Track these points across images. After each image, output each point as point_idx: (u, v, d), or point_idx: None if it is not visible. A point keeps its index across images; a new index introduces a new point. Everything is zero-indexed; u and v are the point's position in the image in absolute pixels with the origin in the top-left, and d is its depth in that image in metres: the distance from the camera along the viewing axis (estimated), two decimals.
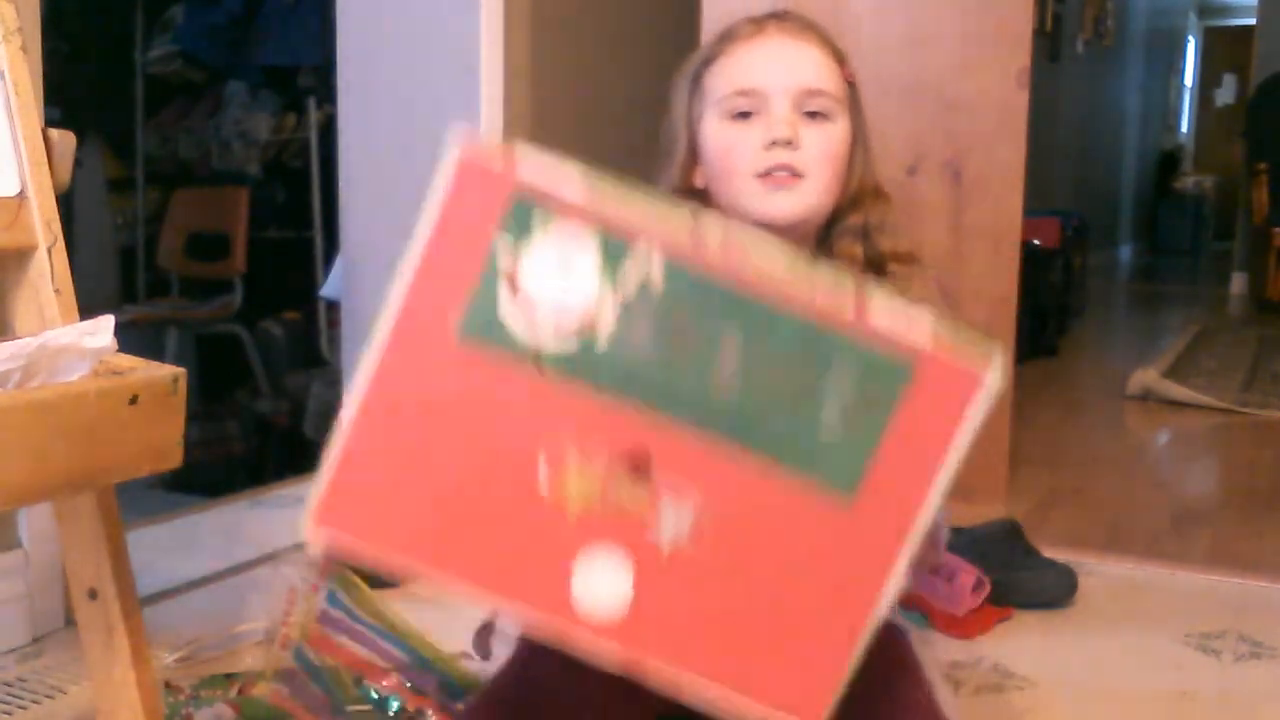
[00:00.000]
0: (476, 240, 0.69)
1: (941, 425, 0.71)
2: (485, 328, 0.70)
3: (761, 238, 0.71)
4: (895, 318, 0.70)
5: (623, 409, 0.70)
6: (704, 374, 0.70)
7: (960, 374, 0.71)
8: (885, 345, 0.70)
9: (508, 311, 0.70)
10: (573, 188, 0.69)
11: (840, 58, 1.23)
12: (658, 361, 0.70)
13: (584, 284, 0.69)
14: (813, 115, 1.19)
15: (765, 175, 1.18)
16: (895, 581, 0.72)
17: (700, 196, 1.25)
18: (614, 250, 0.69)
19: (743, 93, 1.19)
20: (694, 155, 1.24)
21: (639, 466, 0.71)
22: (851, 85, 1.22)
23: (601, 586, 0.71)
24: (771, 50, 1.20)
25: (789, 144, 1.17)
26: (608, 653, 0.72)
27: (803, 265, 0.71)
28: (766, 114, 1.18)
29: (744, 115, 1.19)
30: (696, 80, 1.24)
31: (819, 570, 0.71)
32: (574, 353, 0.70)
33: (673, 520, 0.71)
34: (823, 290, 0.70)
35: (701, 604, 0.72)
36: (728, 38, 1.23)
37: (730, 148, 1.20)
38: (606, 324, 0.69)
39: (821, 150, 1.19)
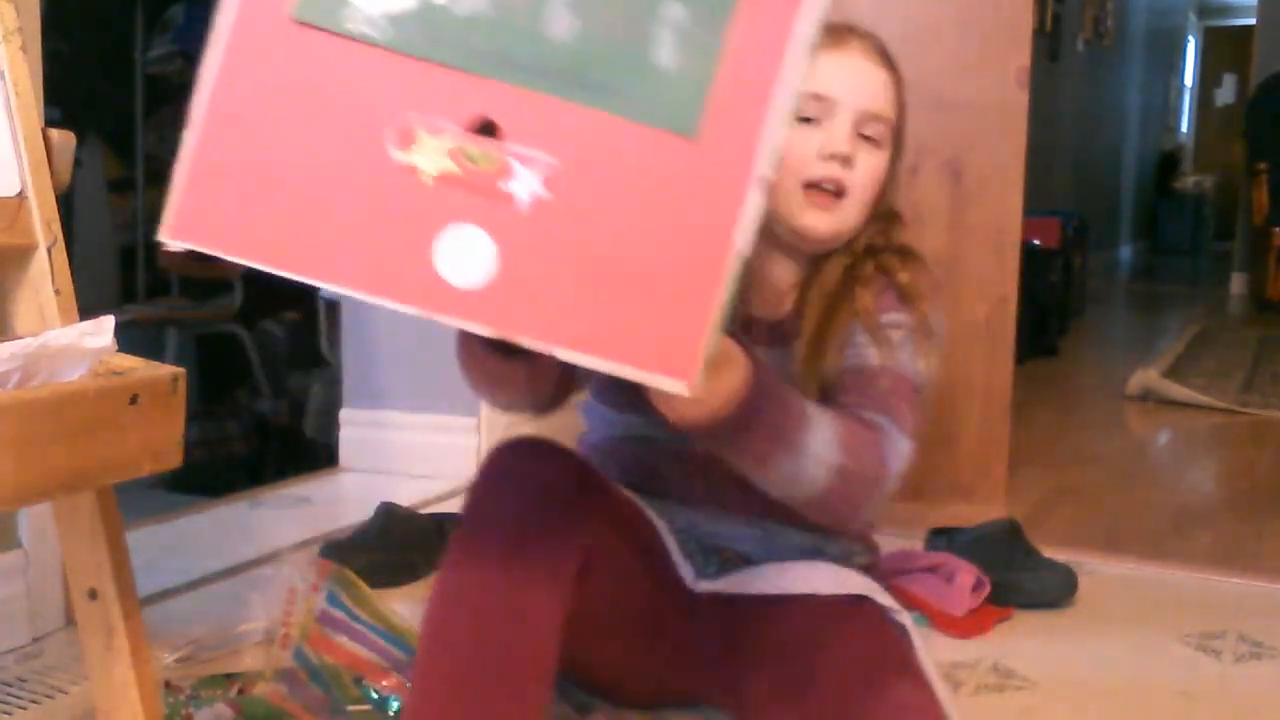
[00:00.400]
0: None
1: (773, 41, 0.67)
2: (318, 7, 0.69)
3: None
4: None
5: (464, 78, 0.69)
6: (539, 28, 0.68)
7: None
8: None
9: None
10: None
11: (901, 88, 1.27)
12: (495, 21, 0.68)
13: None
14: (867, 138, 1.22)
15: (812, 186, 1.20)
16: (749, 217, 0.68)
17: None
18: None
19: (815, 97, 1.21)
20: None
21: (489, 130, 0.69)
22: (901, 115, 1.26)
23: (465, 259, 0.69)
24: (852, 66, 1.24)
25: (846, 161, 1.20)
26: (479, 329, 0.71)
27: None
28: (829, 124, 1.20)
29: (807, 119, 1.21)
30: None
31: (672, 216, 0.69)
32: (414, 19, 0.68)
33: (526, 180, 0.69)
34: None
35: (563, 268, 0.69)
36: None
37: (787, 149, 1.21)
38: None
39: (868, 174, 1.22)
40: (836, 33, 1.26)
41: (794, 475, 1.06)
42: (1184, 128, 11.86)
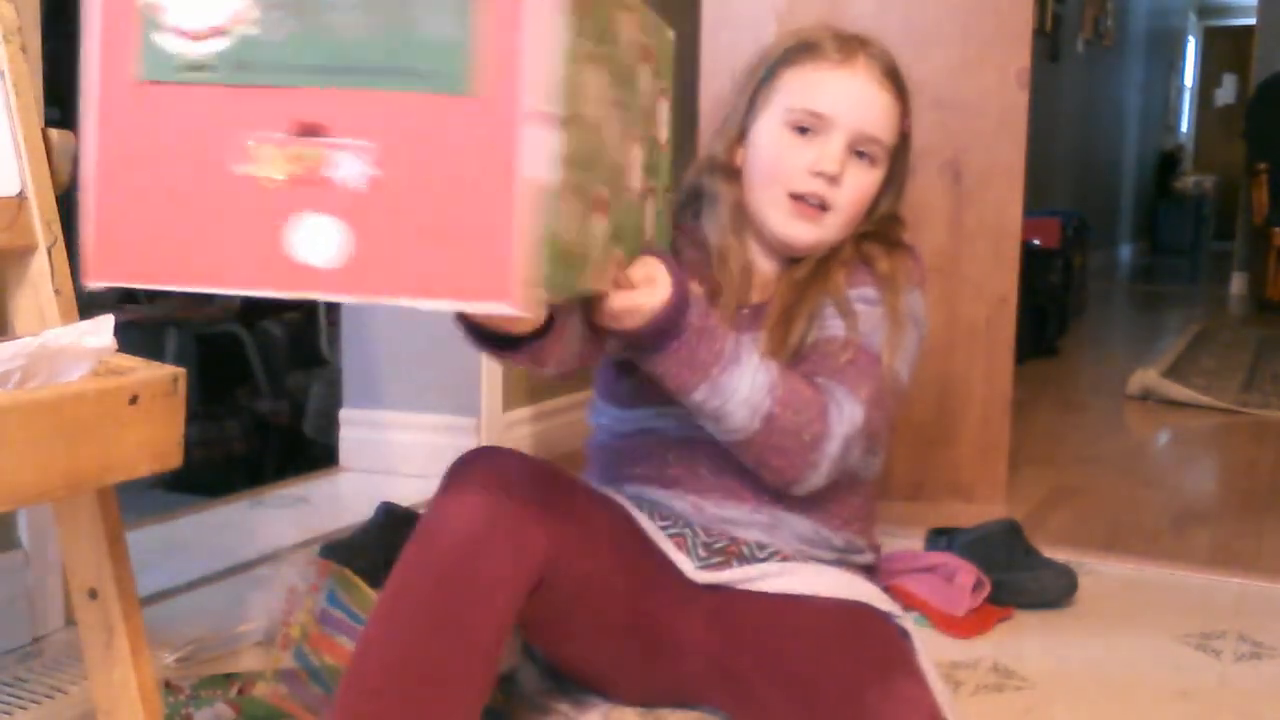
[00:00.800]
0: (128, 10, 0.82)
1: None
2: (155, 64, 0.82)
3: None
4: None
5: (285, 92, 0.81)
6: (334, 34, 0.80)
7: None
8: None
9: (167, 40, 0.82)
10: None
11: (905, 109, 1.29)
12: (299, 37, 0.80)
13: None
14: (861, 155, 1.25)
15: (798, 198, 1.22)
16: (532, 149, 0.78)
17: (735, 174, 1.29)
18: None
19: (813, 113, 1.25)
20: (742, 136, 1.28)
21: (308, 131, 0.81)
22: (904, 136, 1.27)
23: (319, 242, 0.81)
24: (854, 87, 1.26)
25: (832, 180, 1.23)
26: (340, 299, 0.84)
27: None
28: (824, 139, 1.23)
29: (802, 130, 1.24)
30: (772, 75, 1.28)
31: (473, 166, 0.79)
32: (231, 54, 0.81)
33: (352, 166, 0.80)
34: None
35: (401, 232, 0.81)
36: (814, 50, 1.27)
37: (779, 157, 1.25)
38: (252, 18, 0.80)
39: (856, 190, 1.26)
40: (845, 48, 1.27)
41: (719, 412, 1.14)
42: (1184, 128, 11.86)
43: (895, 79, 1.28)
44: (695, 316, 1.09)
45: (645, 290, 1.05)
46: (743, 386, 1.12)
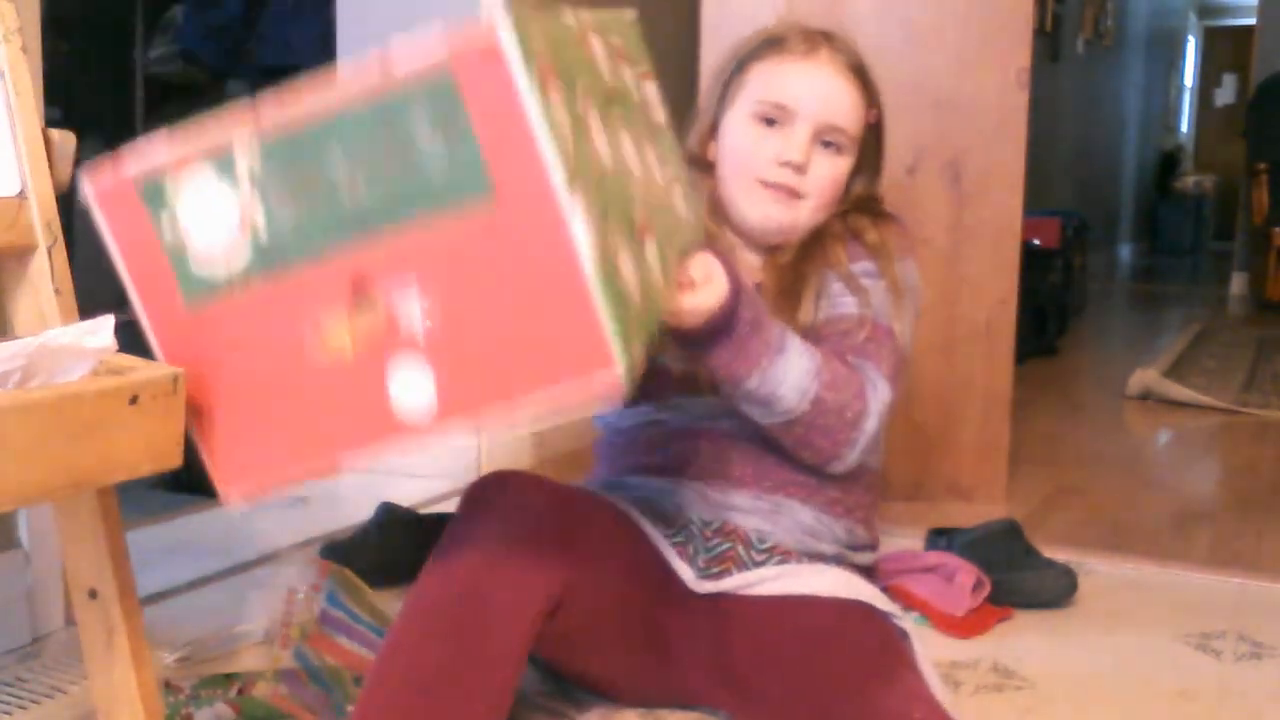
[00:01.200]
0: (144, 235, 0.84)
1: (504, 98, 0.78)
2: (197, 290, 0.85)
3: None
4: (411, 50, 0.79)
5: (319, 264, 0.83)
6: (340, 195, 0.81)
7: (481, 54, 0.77)
8: (419, 77, 0.79)
9: (200, 265, 0.84)
10: (163, 147, 0.83)
11: (871, 100, 1.32)
12: (308, 212, 0.82)
13: (225, 202, 0.83)
14: (826, 144, 1.28)
15: (768, 186, 1.25)
16: (579, 227, 0.78)
17: (709, 167, 1.32)
18: (222, 165, 0.82)
19: (777, 105, 1.28)
20: (713, 131, 1.31)
21: (362, 290, 0.83)
22: (872, 126, 1.29)
23: (411, 391, 0.83)
24: (816, 78, 1.29)
25: (799, 169, 1.24)
26: (455, 430, 0.85)
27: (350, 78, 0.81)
28: (789, 129, 1.26)
29: (769, 122, 1.28)
30: (740, 70, 1.31)
31: (522, 258, 0.80)
32: (257, 253, 0.83)
33: (411, 306, 0.82)
34: (355, 76, 0.80)
35: (478, 348, 0.82)
36: (780, 45, 1.30)
37: (747, 148, 1.28)
38: (258, 215, 0.82)
39: (824, 178, 1.29)
40: (810, 42, 1.30)
41: (770, 398, 1.15)
42: (1184, 128, 11.85)
43: (859, 71, 1.31)
44: (747, 309, 1.11)
45: (704, 289, 1.06)
46: (791, 372, 1.15)
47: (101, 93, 4.19)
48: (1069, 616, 1.77)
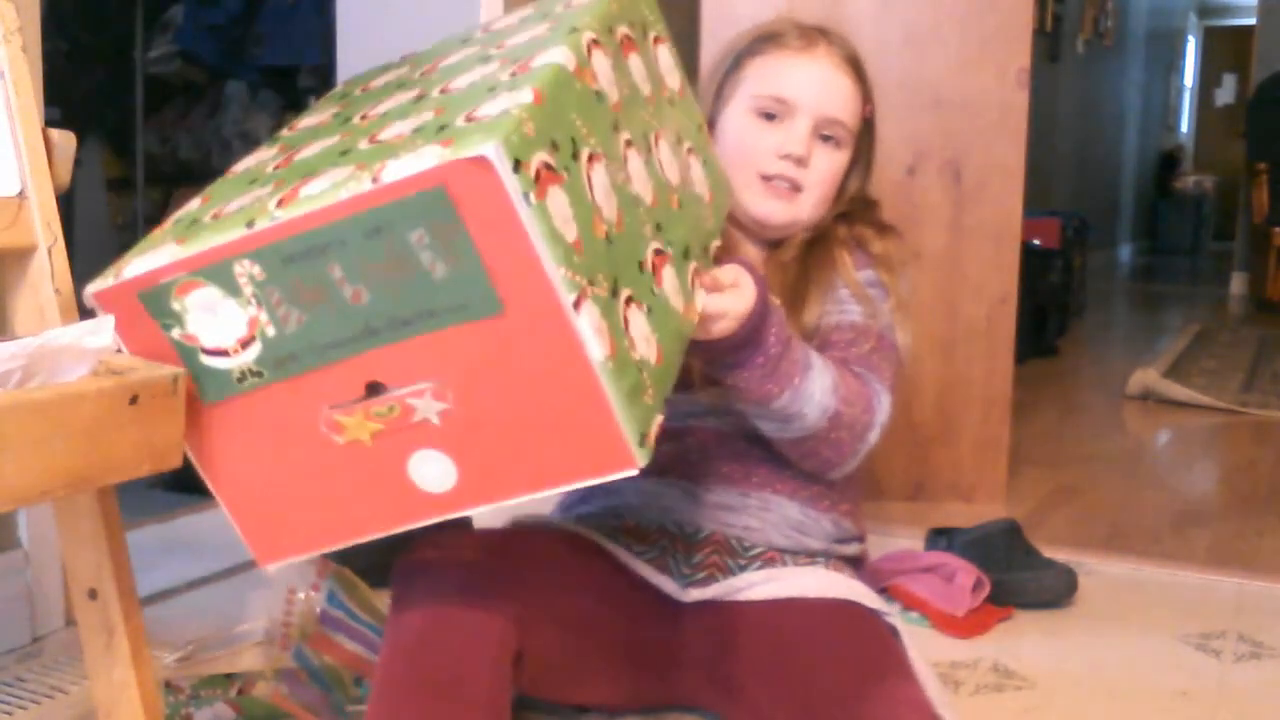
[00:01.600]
0: (153, 336, 0.86)
1: (500, 209, 0.77)
2: (213, 389, 0.87)
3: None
4: (402, 163, 0.77)
5: (333, 368, 0.84)
6: (346, 304, 0.81)
7: (471, 164, 0.76)
8: (411, 188, 0.77)
9: (217, 365, 0.86)
10: (164, 254, 0.83)
11: (867, 95, 1.33)
12: (314, 320, 0.82)
13: (230, 310, 0.83)
14: (826, 138, 1.29)
15: (769, 179, 1.25)
16: (589, 331, 0.79)
17: None
18: (221, 275, 0.82)
19: (777, 99, 1.28)
20: (711, 127, 1.31)
21: (376, 389, 0.84)
22: (867, 121, 1.30)
23: (432, 473, 0.86)
24: (815, 72, 1.29)
25: (800, 162, 1.26)
26: (468, 511, 0.88)
27: (339, 184, 0.79)
28: (789, 124, 1.27)
29: (769, 116, 1.28)
30: (738, 64, 1.31)
31: (533, 370, 0.82)
32: (268, 353, 0.84)
33: (425, 404, 0.84)
34: (347, 187, 0.78)
35: (493, 443, 0.84)
36: (777, 39, 1.31)
37: (747, 143, 1.28)
38: (265, 321, 0.83)
39: (824, 171, 1.29)
40: (807, 36, 1.31)
41: (795, 415, 1.15)
42: (1184, 128, 11.85)
43: (856, 65, 1.32)
44: (777, 326, 1.10)
45: (733, 293, 1.05)
46: (816, 390, 1.15)
47: (101, 93, 4.18)
48: (1069, 616, 1.77)
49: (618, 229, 0.88)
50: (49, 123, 1.15)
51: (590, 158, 0.86)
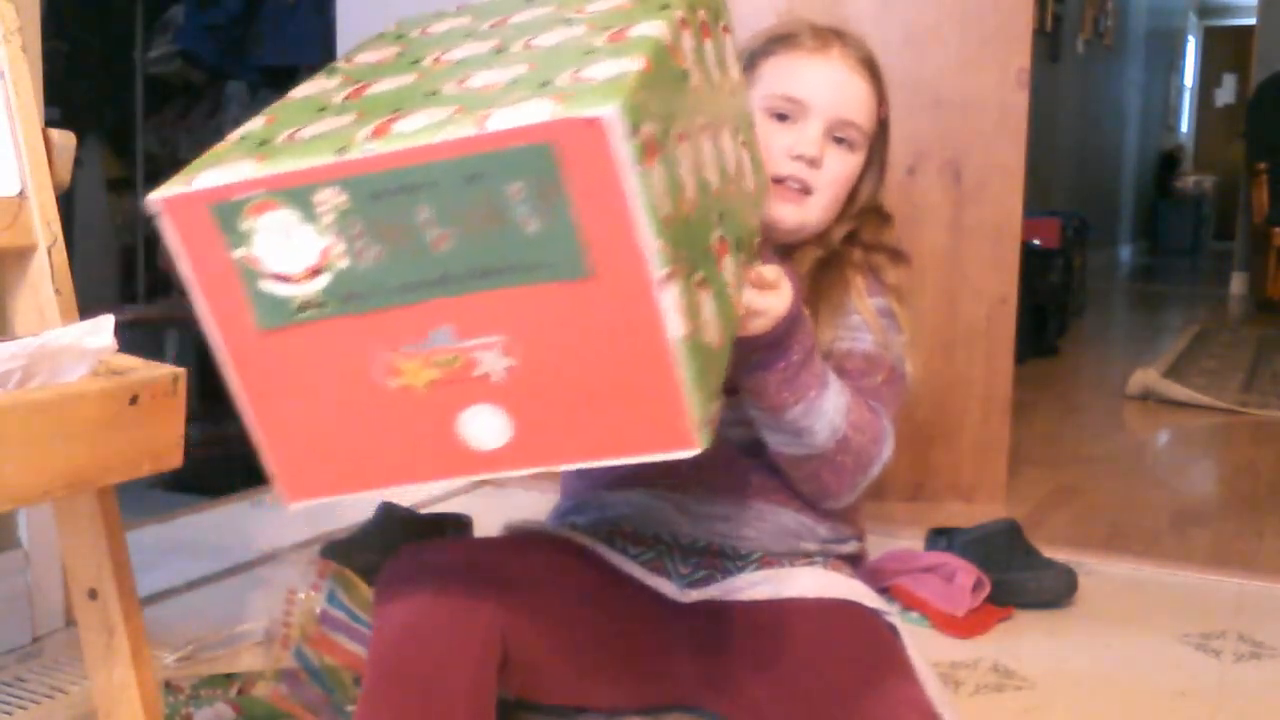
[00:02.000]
0: (215, 251, 0.81)
1: (606, 175, 0.75)
2: (268, 315, 0.82)
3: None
4: (511, 113, 0.75)
5: (401, 310, 0.81)
6: (427, 247, 0.79)
7: (585, 124, 0.73)
8: (517, 139, 0.75)
9: (278, 291, 0.81)
10: (242, 169, 0.79)
11: (882, 97, 1.31)
12: (392, 258, 0.79)
13: (304, 235, 0.79)
14: (839, 140, 1.27)
15: (779, 181, 1.24)
16: (673, 308, 0.78)
17: None
18: (302, 199, 0.78)
19: (790, 99, 1.27)
20: None
21: (441, 335, 0.81)
22: (881, 124, 1.29)
23: (485, 429, 0.84)
24: (830, 72, 1.28)
25: (812, 163, 1.25)
26: (519, 473, 0.85)
27: (438, 125, 0.77)
28: (802, 124, 1.25)
29: (782, 117, 1.27)
30: (751, 65, 1.30)
31: (612, 335, 0.80)
32: (335, 286, 0.80)
33: (490, 359, 0.81)
34: (448, 130, 0.76)
35: (557, 407, 0.82)
36: (791, 40, 1.30)
37: (761, 141, 1.26)
38: (339, 253, 0.80)
39: (835, 174, 1.28)
40: (822, 37, 1.29)
41: (805, 431, 1.14)
42: (1184, 128, 11.85)
43: (871, 67, 1.31)
44: (803, 334, 1.11)
45: (774, 293, 1.06)
46: (829, 408, 1.15)
47: (101, 93, 4.19)
48: (1069, 616, 1.77)
49: (694, 211, 0.87)
50: (49, 123, 1.16)
51: (680, 136, 0.85)
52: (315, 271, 0.80)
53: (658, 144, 0.79)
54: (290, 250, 0.80)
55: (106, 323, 0.99)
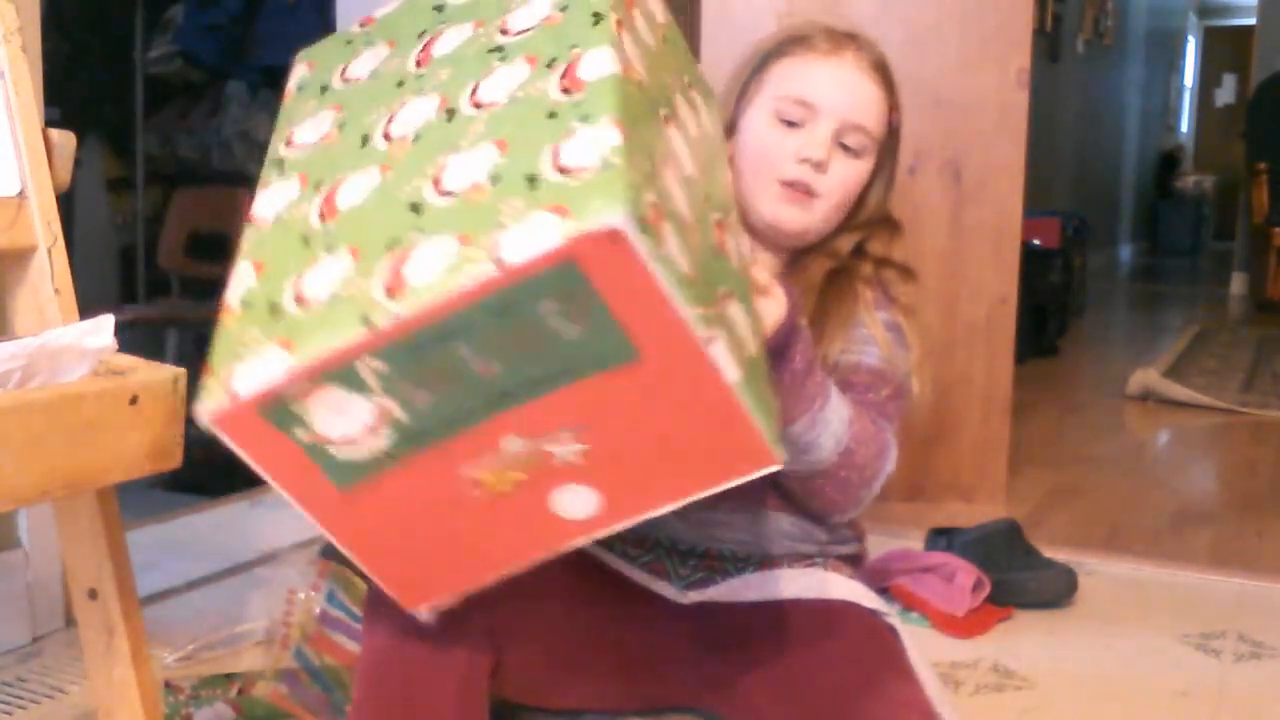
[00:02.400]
0: (279, 444, 0.82)
1: (632, 271, 0.76)
2: (345, 475, 0.84)
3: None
4: (524, 242, 0.75)
5: (467, 434, 0.82)
6: (475, 379, 0.80)
7: (602, 237, 0.74)
8: (538, 267, 0.75)
9: (347, 455, 0.83)
10: (276, 364, 0.80)
11: (894, 103, 1.29)
12: (446, 397, 0.81)
13: (357, 405, 0.81)
14: (846, 147, 1.25)
15: (787, 184, 1.24)
16: (724, 359, 0.80)
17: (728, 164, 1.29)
18: (345, 376, 0.79)
19: (800, 102, 1.25)
20: (732, 129, 1.29)
21: (512, 443, 0.83)
22: (892, 130, 1.29)
23: (574, 504, 0.87)
24: (841, 76, 1.26)
25: (818, 166, 1.24)
26: (619, 526, 0.88)
27: (452, 268, 0.77)
28: (811, 128, 1.24)
29: (791, 123, 1.25)
30: (762, 67, 1.29)
31: (671, 401, 0.82)
32: (400, 435, 0.82)
33: (564, 450, 0.83)
34: (465, 271, 0.76)
35: (635, 467, 0.85)
36: (804, 42, 1.28)
37: (767, 148, 1.26)
38: (394, 408, 0.80)
39: (841, 180, 1.26)
40: (834, 40, 1.28)
41: (810, 445, 1.12)
42: (1184, 128, 11.85)
43: (883, 72, 1.29)
44: (804, 345, 1.09)
45: (767, 300, 1.04)
46: (834, 420, 1.13)
47: (101, 93, 4.19)
48: (1069, 616, 1.77)
49: (696, 227, 0.87)
50: (49, 123, 1.15)
51: (663, 162, 0.85)
52: (376, 429, 0.82)
53: (659, 207, 0.79)
54: (346, 418, 0.81)
55: (106, 323, 0.99)
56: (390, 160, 0.88)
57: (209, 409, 0.81)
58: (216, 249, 3.95)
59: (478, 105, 0.88)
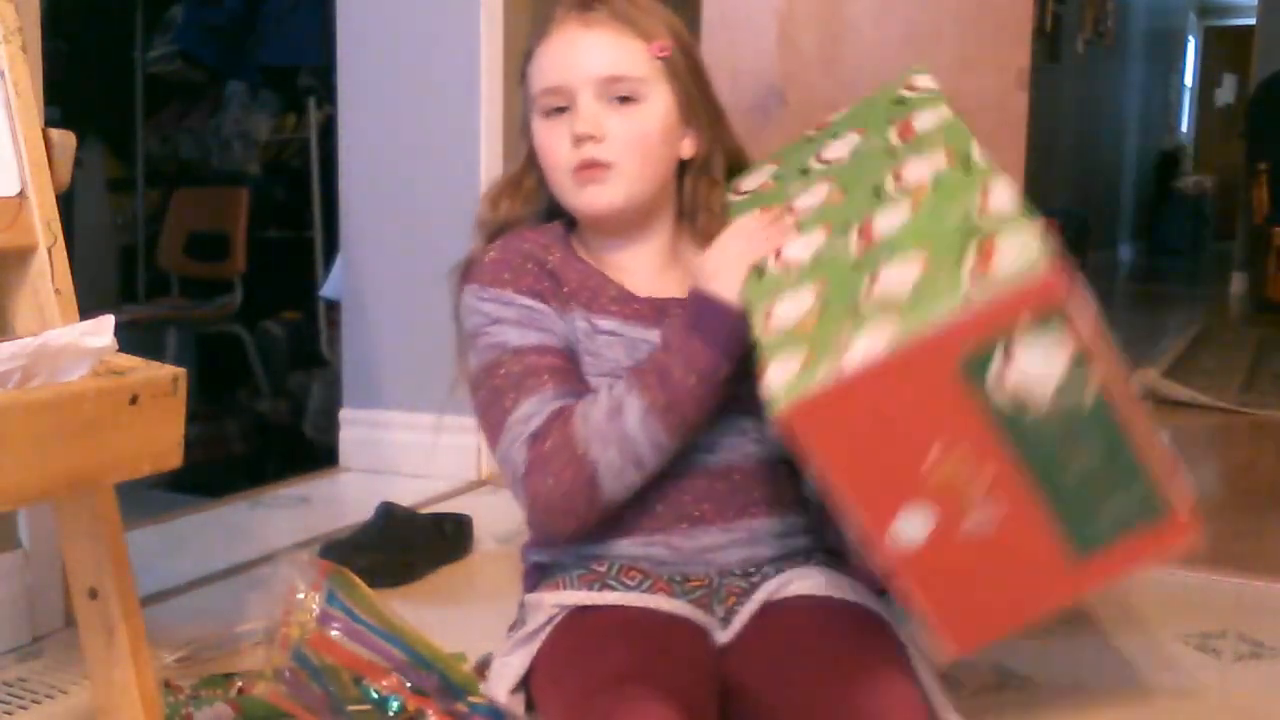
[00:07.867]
0: (1008, 320, 0.92)
1: (1150, 554, 0.99)
2: (976, 374, 0.92)
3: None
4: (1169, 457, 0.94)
5: (1004, 451, 0.93)
6: (1066, 459, 0.95)
7: (1182, 528, 0.99)
8: (1161, 483, 0.98)
9: (994, 372, 0.92)
10: (1086, 315, 0.95)
11: (647, 35, 1.20)
12: (1052, 438, 0.93)
13: (1049, 376, 0.93)
14: (622, 100, 1.18)
15: (576, 170, 1.18)
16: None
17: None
18: (1078, 363, 0.94)
19: (550, 91, 1.19)
20: (535, 153, 1.24)
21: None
22: (667, 59, 1.21)
23: (911, 529, 0.94)
24: (566, 45, 1.19)
25: (592, 138, 1.17)
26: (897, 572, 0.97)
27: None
28: (575, 109, 1.18)
29: (558, 111, 1.19)
30: (524, 77, 1.24)
31: (1032, 576, 0.97)
32: (1011, 411, 0.92)
33: (978, 517, 0.93)
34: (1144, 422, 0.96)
35: (952, 571, 0.96)
36: (539, 33, 1.22)
37: (547, 147, 1.20)
38: (1039, 407, 0.92)
39: (629, 135, 1.18)
40: (558, 17, 1.21)
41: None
42: (1184, 128, 11.86)
43: (613, 14, 1.20)
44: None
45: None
46: None
47: (101, 93, 4.19)
48: (1069, 616, 1.77)
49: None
50: (49, 123, 1.15)
51: None
52: (1018, 398, 0.93)
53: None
54: (1037, 368, 0.93)
55: (106, 323, 0.99)
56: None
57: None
58: (216, 249, 3.96)
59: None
